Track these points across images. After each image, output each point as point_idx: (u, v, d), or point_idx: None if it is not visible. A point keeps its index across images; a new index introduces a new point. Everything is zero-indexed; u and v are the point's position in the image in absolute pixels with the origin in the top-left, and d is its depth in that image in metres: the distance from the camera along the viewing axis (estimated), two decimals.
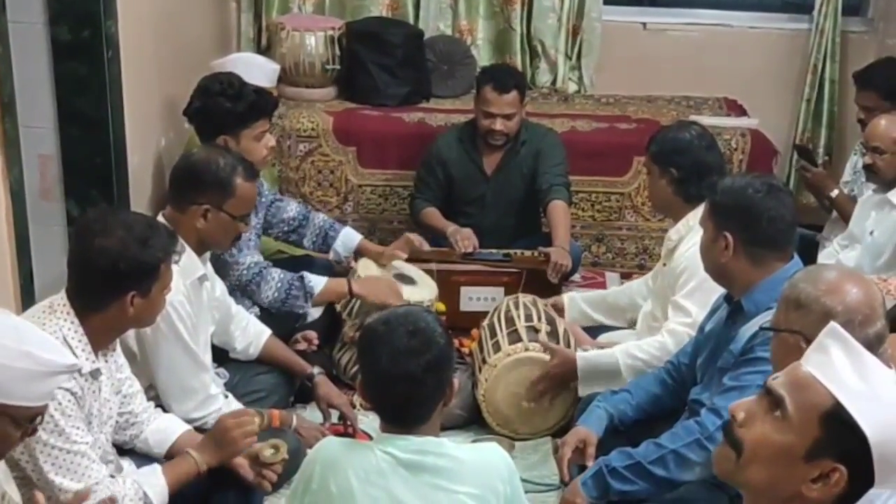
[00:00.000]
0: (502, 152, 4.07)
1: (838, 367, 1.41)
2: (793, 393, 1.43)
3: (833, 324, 1.47)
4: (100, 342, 2.24)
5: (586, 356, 3.07)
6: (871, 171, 3.55)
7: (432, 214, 4.08)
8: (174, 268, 2.57)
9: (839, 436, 1.38)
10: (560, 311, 3.49)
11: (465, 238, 3.87)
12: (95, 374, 2.21)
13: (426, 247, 3.72)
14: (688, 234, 3.00)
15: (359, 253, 3.62)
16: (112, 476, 2.24)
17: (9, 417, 1.77)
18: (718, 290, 2.61)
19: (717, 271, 2.47)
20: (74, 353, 2.14)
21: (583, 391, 3.03)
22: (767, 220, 2.36)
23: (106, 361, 2.28)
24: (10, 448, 1.89)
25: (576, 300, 3.57)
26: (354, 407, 3.23)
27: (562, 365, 3.08)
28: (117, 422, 2.38)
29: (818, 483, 1.40)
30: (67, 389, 2.11)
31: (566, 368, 3.06)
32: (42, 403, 1.82)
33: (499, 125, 3.94)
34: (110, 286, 2.19)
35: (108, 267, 2.16)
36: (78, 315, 2.19)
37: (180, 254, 2.36)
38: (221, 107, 3.19)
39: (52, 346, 1.85)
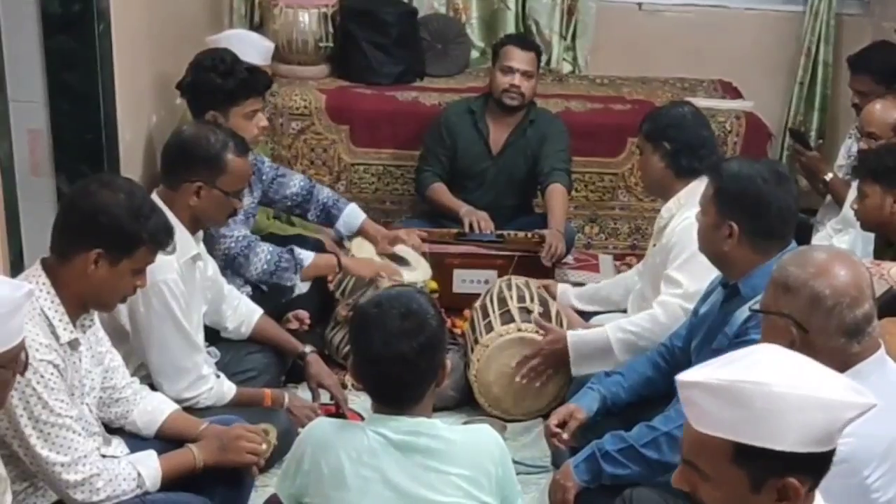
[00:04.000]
0: (510, 129, 4.05)
1: (712, 411, 1.41)
2: (698, 456, 1.45)
3: (677, 378, 1.47)
4: (74, 309, 2.20)
5: (577, 333, 3.08)
6: None
7: (441, 191, 4.06)
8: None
9: (762, 463, 1.40)
10: (552, 295, 3.49)
11: (481, 219, 3.86)
12: (74, 344, 2.19)
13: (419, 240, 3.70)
14: (678, 211, 3.00)
15: (360, 233, 3.60)
16: (101, 452, 2.25)
17: None
18: (710, 264, 2.61)
19: (716, 257, 2.46)
20: (52, 324, 2.13)
21: (576, 370, 3.03)
22: (775, 212, 2.34)
23: (84, 333, 2.26)
24: (8, 389, 1.91)
25: (567, 294, 3.56)
26: (346, 387, 3.23)
27: (554, 342, 3.08)
28: (100, 397, 2.36)
29: (785, 501, 1.42)
30: (49, 361, 2.10)
31: (558, 346, 3.06)
32: (18, 340, 1.83)
33: (518, 80, 3.95)
34: (80, 233, 2.16)
35: (87, 213, 2.15)
36: (51, 279, 2.16)
37: (169, 252, 2.32)
38: (212, 82, 3.17)
39: (0, 284, 1.84)
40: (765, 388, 1.38)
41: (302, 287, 3.38)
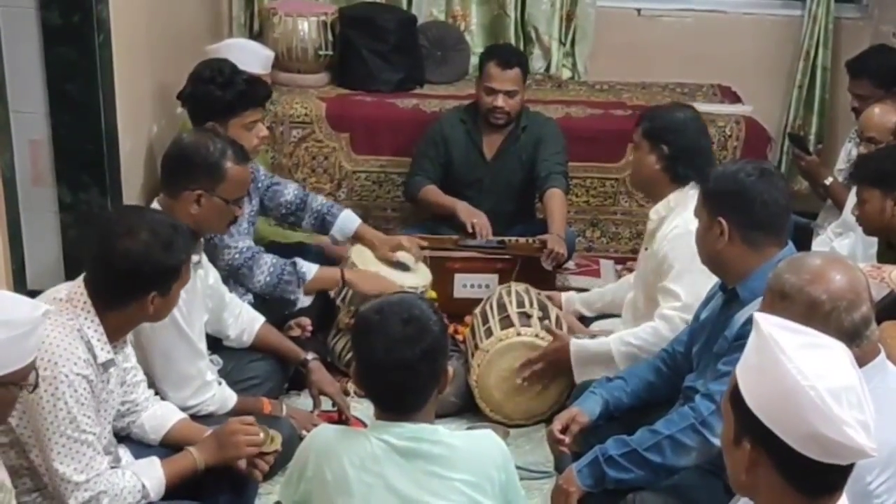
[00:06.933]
0: (503, 136, 4.06)
1: (745, 353, 1.47)
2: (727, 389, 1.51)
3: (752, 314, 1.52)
4: (116, 334, 2.26)
5: (579, 342, 3.08)
6: None
7: (434, 191, 4.06)
8: None
9: (742, 413, 1.43)
10: (557, 305, 3.49)
11: (482, 225, 3.84)
12: (108, 364, 2.23)
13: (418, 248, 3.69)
14: (669, 215, 2.99)
15: (357, 238, 3.61)
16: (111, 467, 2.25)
17: (9, 385, 1.82)
18: (705, 272, 2.61)
19: (713, 259, 2.46)
20: (90, 345, 2.16)
21: (578, 377, 3.04)
22: (761, 204, 2.35)
23: (116, 353, 2.29)
24: (11, 407, 1.93)
25: (572, 301, 3.56)
26: (348, 394, 3.23)
27: (558, 350, 3.09)
28: (118, 410, 2.38)
29: (751, 472, 1.44)
30: (84, 376, 2.12)
31: (562, 354, 3.07)
32: (31, 359, 1.86)
33: (500, 101, 3.94)
34: (133, 287, 2.21)
35: (132, 270, 2.18)
36: (95, 308, 2.20)
37: (200, 251, 2.37)
38: (211, 94, 3.17)
39: (19, 303, 1.87)
40: (801, 380, 1.39)
41: (305, 300, 3.38)
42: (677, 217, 2.94)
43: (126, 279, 2.20)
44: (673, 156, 2.98)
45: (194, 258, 2.72)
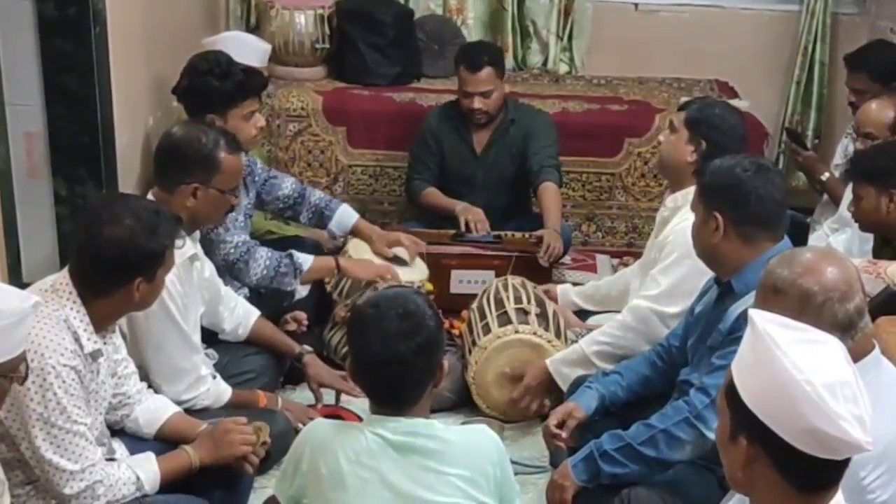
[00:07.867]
0: (491, 130, 4.06)
1: (741, 349, 1.47)
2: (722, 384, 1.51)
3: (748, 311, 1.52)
4: (102, 324, 2.26)
5: (554, 359, 3.08)
6: None
7: (435, 194, 4.07)
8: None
9: (738, 409, 1.43)
10: (553, 299, 3.49)
11: (476, 220, 3.85)
12: (96, 354, 2.22)
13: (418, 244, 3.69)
14: (684, 206, 2.97)
15: (354, 233, 3.60)
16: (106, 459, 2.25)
17: None
18: (696, 268, 2.61)
19: (708, 253, 2.47)
20: (77, 335, 2.16)
21: (566, 387, 3.03)
22: (756, 199, 2.35)
23: (105, 343, 2.28)
24: (2, 400, 1.92)
25: (568, 293, 3.56)
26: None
27: (537, 376, 3.10)
28: (110, 403, 2.37)
29: (747, 468, 1.44)
30: (72, 367, 2.12)
31: (542, 378, 3.08)
32: (21, 350, 1.85)
33: (477, 103, 3.94)
34: (118, 274, 2.21)
35: (118, 256, 2.18)
36: (81, 297, 2.20)
37: (184, 237, 2.36)
38: (209, 85, 3.17)
39: (7, 294, 1.86)
40: (797, 375, 1.38)
41: (302, 291, 3.38)
42: (691, 212, 2.92)
43: (112, 266, 2.19)
44: (710, 155, 2.85)
45: (190, 251, 2.72)
